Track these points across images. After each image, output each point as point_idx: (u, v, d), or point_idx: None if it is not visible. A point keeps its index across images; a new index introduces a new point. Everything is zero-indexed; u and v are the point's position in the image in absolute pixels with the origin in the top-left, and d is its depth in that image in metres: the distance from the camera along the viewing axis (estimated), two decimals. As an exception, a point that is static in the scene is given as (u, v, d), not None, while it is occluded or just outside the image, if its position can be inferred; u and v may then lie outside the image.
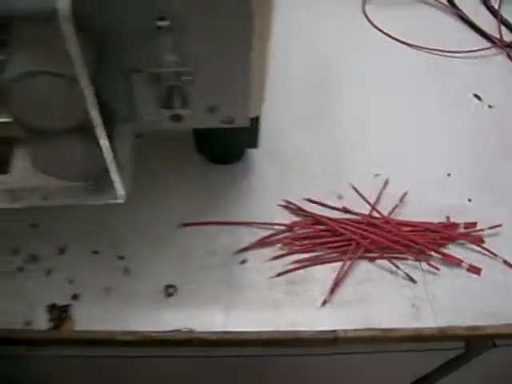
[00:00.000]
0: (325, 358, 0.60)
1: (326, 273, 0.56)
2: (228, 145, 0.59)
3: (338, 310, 0.54)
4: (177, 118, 0.48)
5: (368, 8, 0.78)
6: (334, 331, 0.53)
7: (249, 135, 0.56)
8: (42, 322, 0.53)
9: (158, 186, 0.59)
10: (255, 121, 0.54)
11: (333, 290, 0.55)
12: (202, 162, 0.61)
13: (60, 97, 0.35)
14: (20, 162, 0.44)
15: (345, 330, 0.53)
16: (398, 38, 0.74)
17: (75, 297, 0.54)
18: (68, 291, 0.54)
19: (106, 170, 0.43)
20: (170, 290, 0.54)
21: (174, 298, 0.54)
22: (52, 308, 0.53)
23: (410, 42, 0.73)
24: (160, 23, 0.40)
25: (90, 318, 0.53)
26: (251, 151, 0.62)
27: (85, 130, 0.39)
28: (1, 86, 0.36)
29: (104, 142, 0.39)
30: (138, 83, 0.45)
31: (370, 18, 0.76)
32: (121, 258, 0.56)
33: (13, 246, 0.56)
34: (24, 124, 0.38)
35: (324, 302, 0.54)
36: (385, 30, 0.74)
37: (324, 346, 0.54)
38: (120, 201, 0.45)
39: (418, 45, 0.73)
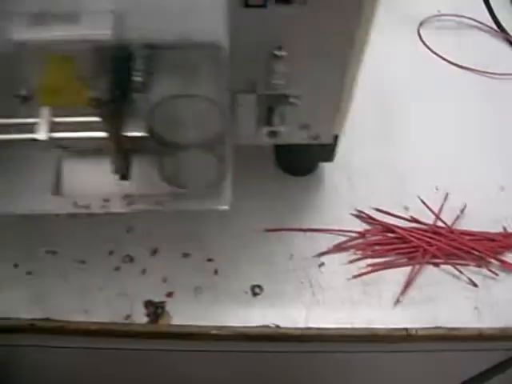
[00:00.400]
0: (391, 355, 0.65)
1: (396, 276, 0.61)
2: (306, 159, 0.65)
3: (409, 310, 0.59)
4: (273, 134, 0.54)
5: (422, 31, 0.84)
6: (406, 329, 0.58)
7: (326, 150, 0.61)
8: (140, 316, 0.58)
9: (242, 195, 0.64)
10: (335, 137, 0.59)
11: (404, 292, 0.60)
12: (278, 174, 0.67)
13: (199, 116, 0.41)
14: (139, 170, 0.49)
15: (415, 328, 0.58)
16: (451, 60, 0.79)
17: (170, 294, 0.59)
18: (162, 289, 0.59)
19: (219, 180, 0.48)
20: (256, 290, 0.60)
21: (260, 297, 0.59)
22: (149, 304, 0.59)
23: (463, 65, 0.79)
24: (277, 53, 0.46)
25: (184, 314, 0.58)
26: (324, 163, 0.67)
27: (211, 144, 0.44)
28: (145, 106, 0.41)
29: (228, 155, 0.45)
30: (245, 103, 0.50)
31: (425, 40, 0.82)
32: (210, 260, 0.61)
33: (110, 247, 0.62)
34: (160, 139, 0.43)
35: (396, 303, 0.59)
36: (438, 52, 0.80)
37: (396, 342, 0.59)
38: (225, 207, 0.51)
39: (471, 67, 0.79)
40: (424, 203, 0.66)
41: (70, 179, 0.53)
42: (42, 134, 0.44)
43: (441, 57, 0.80)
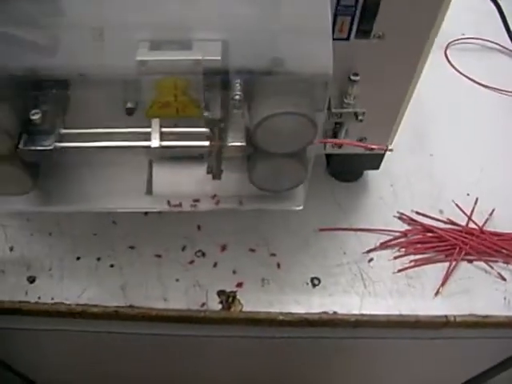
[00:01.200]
0: (434, 342, 0.73)
1: (435, 270, 0.69)
2: (355, 167, 0.73)
3: (447, 300, 0.67)
4: (337, 146, 0.62)
5: (449, 53, 0.93)
6: (446, 316, 0.67)
7: (375, 160, 0.70)
8: (214, 304, 0.66)
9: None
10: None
11: (443, 284, 0.68)
12: (329, 180, 0.75)
13: (297, 130, 0.49)
14: (228, 174, 0.57)
15: (454, 315, 0.67)
16: (476, 80, 0.89)
17: (239, 285, 0.67)
18: (233, 280, 0.67)
19: (299, 183, 0.57)
20: (315, 281, 0.68)
21: (319, 288, 0.67)
22: (221, 293, 0.66)
23: (488, 84, 0.88)
24: (353, 77, 0.54)
25: (253, 302, 0.66)
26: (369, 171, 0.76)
27: (299, 152, 0.53)
28: (247, 120, 0.50)
29: (310, 162, 0.53)
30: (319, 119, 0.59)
31: (452, 61, 0.91)
32: (273, 254, 0.69)
33: (183, 243, 0.70)
34: (261, 150, 0.51)
35: (436, 293, 0.68)
36: (464, 73, 0.89)
37: (437, 328, 0.67)
38: (300, 207, 0.59)
39: (495, 87, 0.88)
40: (458, 207, 0.74)
41: (161, 181, 0.61)
42: (155, 143, 0.52)
43: (467, 77, 0.88)
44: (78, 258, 0.69)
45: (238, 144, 0.52)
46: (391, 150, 0.63)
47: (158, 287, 0.67)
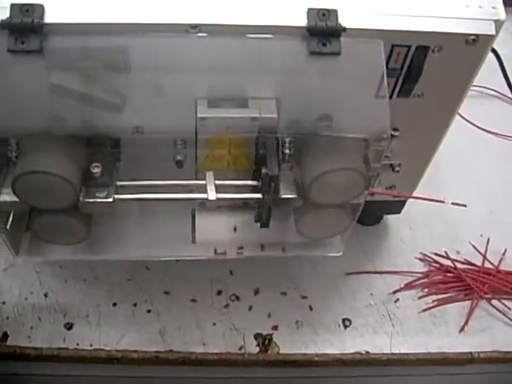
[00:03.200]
0: (457, 377, 0.76)
1: (457, 308, 0.73)
2: (378, 211, 0.77)
3: (471, 337, 0.71)
4: (371, 194, 0.66)
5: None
6: (470, 353, 0.70)
7: (398, 205, 0.74)
8: (252, 347, 0.68)
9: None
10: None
11: (466, 323, 0.72)
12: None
13: (349, 184, 0.53)
14: (275, 222, 0.60)
15: (478, 352, 0.70)
16: (479, 125, 0.94)
17: (275, 327, 0.69)
18: (268, 323, 0.70)
19: (342, 231, 0.60)
20: (346, 323, 0.71)
21: (350, 329, 0.70)
22: (258, 336, 0.69)
23: (491, 130, 0.94)
24: (393, 133, 0.58)
25: (289, 344, 0.68)
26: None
27: (344, 204, 0.56)
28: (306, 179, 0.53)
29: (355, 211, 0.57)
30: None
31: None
32: (304, 297, 0.72)
33: (217, 287, 0.72)
34: (311, 202, 0.55)
35: (460, 331, 0.71)
36: (468, 118, 0.94)
37: (462, 364, 0.71)
38: (339, 253, 0.62)
39: (497, 132, 0.94)
40: (475, 248, 0.79)
41: (204, 229, 0.63)
42: (211, 195, 0.54)
43: (470, 122, 0.94)
44: (115, 304, 0.70)
45: (290, 197, 0.55)
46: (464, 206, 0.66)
47: (196, 331, 0.69)
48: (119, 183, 0.55)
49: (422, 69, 0.53)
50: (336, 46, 0.48)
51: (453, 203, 0.61)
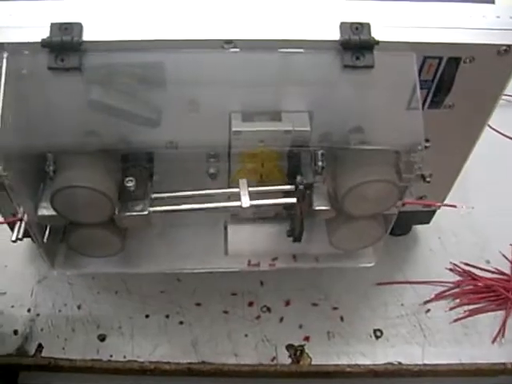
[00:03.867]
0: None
1: (489, 319, 0.73)
2: (409, 222, 0.77)
3: (504, 347, 0.71)
4: (402, 205, 0.66)
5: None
6: (504, 363, 0.70)
7: (428, 215, 0.74)
8: (284, 358, 0.68)
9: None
10: (439, 204, 0.72)
11: (499, 333, 0.71)
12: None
13: (383, 196, 0.53)
14: (306, 233, 0.60)
15: (511, 363, 0.70)
16: (507, 134, 0.94)
17: (307, 338, 0.70)
18: (300, 334, 0.70)
19: (374, 242, 0.60)
20: (377, 333, 0.71)
21: (382, 339, 0.70)
22: (290, 347, 0.69)
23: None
24: (425, 144, 0.58)
25: (321, 355, 0.68)
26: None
27: (377, 215, 0.56)
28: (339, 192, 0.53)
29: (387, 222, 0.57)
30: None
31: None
32: (335, 308, 0.72)
33: (249, 299, 0.72)
34: (344, 213, 0.55)
35: (493, 341, 0.71)
36: (494, 127, 0.93)
37: (495, 375, 0.70)
38: (371, 264, 0.62)
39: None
40: (505, 257, 0.78)
41: (237, 241, 0.64)
42: (245, 202, 0.55)
43: (497, 131, 0.93)
44: (147, 316, 0.71)
45: (324, 208, 0.56)
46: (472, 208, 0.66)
47: (228, 343, 0.69)
48: (154, 196, 0.56)
49: (454, 80, 0.53)
50: (369, 59, 0.48)
51: (463, 206, 0.60)
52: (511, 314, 0.73)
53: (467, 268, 0.77)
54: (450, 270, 0.77)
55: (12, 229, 0.55)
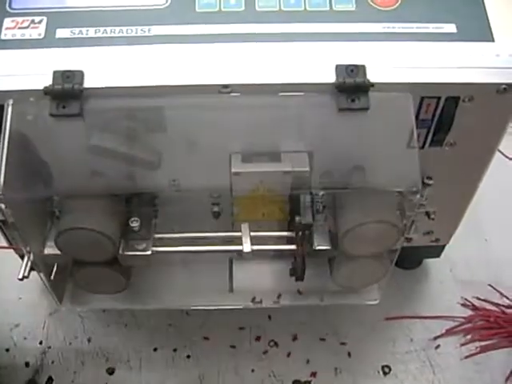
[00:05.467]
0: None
1: (502, 356, 0.71)
2: (418, 256, 0.76)
3: (517, 386, 0.69)
4: (407, 240, 0.66)
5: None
6: (517, 403, 0.68)
7: (437, 249, 0.73)
8: (290, 394, 0.68)
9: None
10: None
11: None
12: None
13: (383, 236, 0.53)
14: (310, 271, 0.60)
15: (525, 403, 0.68)
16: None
17: (313, 374, 0.69)
18: (307, 370, 0.70)
19: (377, 281, 0.60)
20: (385, 369, 0.70)
21: (390, 376, 0.69)
22: (297, 383, 0.69)
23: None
24: (427, 181, 0.58)
25: (328, 392, 0.68)
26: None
27: (378, 254, 0.56)
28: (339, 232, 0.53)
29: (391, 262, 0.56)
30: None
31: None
32: (343, 343, 0.72)
33: (256, 333, 0.72)
34: (347, 253, 0.55)
35: (506, 380, 0.69)
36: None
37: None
38: (375, 302, 0.62)
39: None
40: (519, 291, 0.77)
41: (242, 278, 0.64)
42: (247, 247, 0.55)
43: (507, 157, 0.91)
44: (155, 350, 0.72)
45: (324, 248, 0.55)
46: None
47: (235, 378, 0.69)
48: (157, 236, 0.57)
49: (453, 118, 0.53)
50: (364, 101, 0.48)
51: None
52: (525, 350, 0.72)
53: (479, 303, 0.76)
54: (462, 304, 0.76)
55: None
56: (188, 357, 0.71)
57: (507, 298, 0.76)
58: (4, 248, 0.61)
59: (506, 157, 0.92)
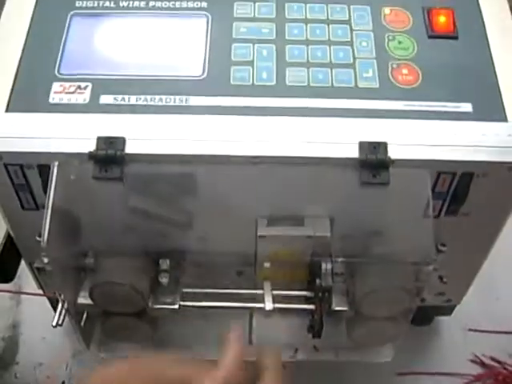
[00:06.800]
0: None
1: (511, 415, 0.73)
2: (430, 313, 0.79)
3: None
4: (422, 300, 0.68)
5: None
6: None
7: (449, 308, 0.76)
8: None
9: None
10: (459, 299, 0.74)
11: (520, 431, 0.72)
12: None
13: (398, 300, 0.56)
14: (327, 328, 0.63)
15: None
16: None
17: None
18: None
19: (392, 341, 0.62)
20: (397, 425, 0.72)
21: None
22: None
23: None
24: (441, 248, 0.61)
25: None
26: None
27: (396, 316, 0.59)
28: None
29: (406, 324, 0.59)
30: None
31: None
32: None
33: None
34: (363, 315, 0.58)
35: None
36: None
37: None
38: (388, 359, 0.65)
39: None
40: (527, 351, 0.79)
41: (262, 331, 0.67)
42: (269, 305, 0.58)
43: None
44: None
45: (342, 309, 0.59)
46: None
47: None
48: (185, 290, 0.60)
49: (468, 192, 0.56)
50: (385, 176, 0.52)
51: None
52: (532, 410, 0.74)
53: (489, 361, 0.78)
54: (472, 361, 0.78)
55: (51, 304, 0.59)
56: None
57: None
58: (40, 295, 0.64)
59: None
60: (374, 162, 0.52)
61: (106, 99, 0.56)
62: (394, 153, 0.52)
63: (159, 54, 0.59)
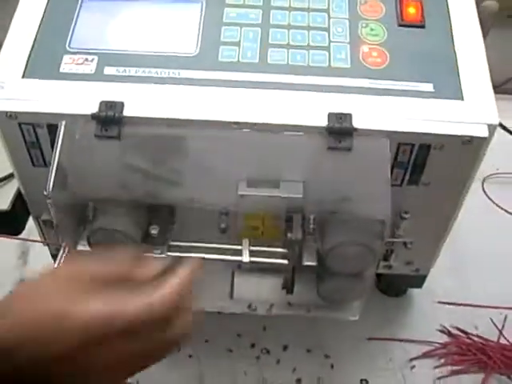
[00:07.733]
0: None
1: (471, 380, 0.79)
2: (402, 284, 0.85)
3: (482, 408, 0.77)
4: (388, 268, 0.75)
5: (486, 186, 1.04)
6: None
7: (419, 279, 0.82)
8: (279, 399, 0.77)
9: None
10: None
11: (479, 394, 0.78)
12: (377, 295, 0.87)
13: (360, 256, 0.63)
14: (298, 285, 0.70)
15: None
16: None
17: (298, 381, 0.78)
18: (292, 376, 0.79)
19: (358, 297, 0.69)
20: (363, 383, 0.78)
21: (367, 389, 0.78)
22: (284, 387, 0.78)
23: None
24: (404, 215, 0.68)
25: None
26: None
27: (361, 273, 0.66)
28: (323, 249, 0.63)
29: (370, 281, 0.66)
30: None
31: (489, 194, 1.03)
32: (327, 356, 0.81)
33: (251, 341, 0.82)
34: (329, 269, 0.65)
35: (472, 402, 0.77)
36: (500, 204, 1.00)
37: None
38: (355, 318, 0.71)
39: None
40: (494, 323, 0.85)
41: (241, 288, 0.74)
42: (245, 258, 0.65)
43: (502, 209, 1.00)
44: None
45: (311, 264, 0.65)
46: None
47: (228, 379, 0.78)
48: (172, 243, 0.68)
49: (426, 163, 0.63)
50: (349, 142, 0.59)
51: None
52: (492, 377, 0.80)
53: (455, 331, 0.84)
54: (440, 331, 0.84)
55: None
56: (190, 356, 0.80)
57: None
58: (41, 242, 0.72)
59: (494, 202, 1.01)
60: (339, 129, 0.59)
61: (109, 70, 0.63)
62: (358, 123, 0.59)
63: (158, 34, 0.66)
